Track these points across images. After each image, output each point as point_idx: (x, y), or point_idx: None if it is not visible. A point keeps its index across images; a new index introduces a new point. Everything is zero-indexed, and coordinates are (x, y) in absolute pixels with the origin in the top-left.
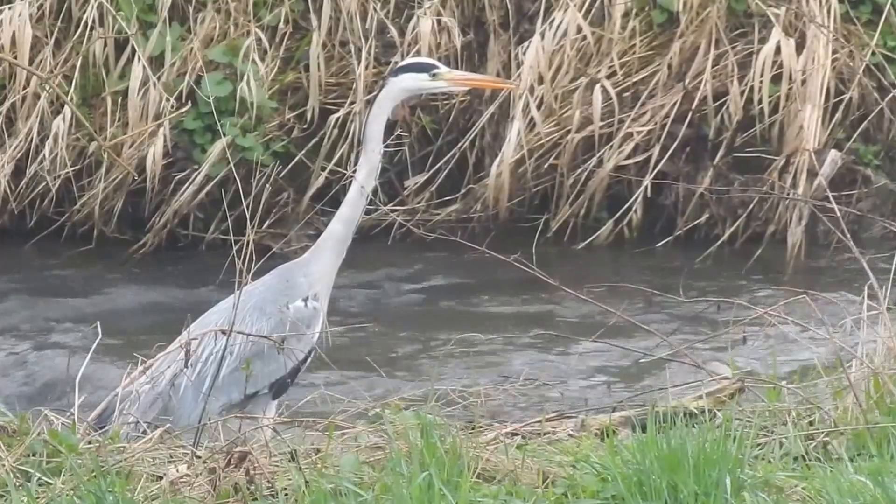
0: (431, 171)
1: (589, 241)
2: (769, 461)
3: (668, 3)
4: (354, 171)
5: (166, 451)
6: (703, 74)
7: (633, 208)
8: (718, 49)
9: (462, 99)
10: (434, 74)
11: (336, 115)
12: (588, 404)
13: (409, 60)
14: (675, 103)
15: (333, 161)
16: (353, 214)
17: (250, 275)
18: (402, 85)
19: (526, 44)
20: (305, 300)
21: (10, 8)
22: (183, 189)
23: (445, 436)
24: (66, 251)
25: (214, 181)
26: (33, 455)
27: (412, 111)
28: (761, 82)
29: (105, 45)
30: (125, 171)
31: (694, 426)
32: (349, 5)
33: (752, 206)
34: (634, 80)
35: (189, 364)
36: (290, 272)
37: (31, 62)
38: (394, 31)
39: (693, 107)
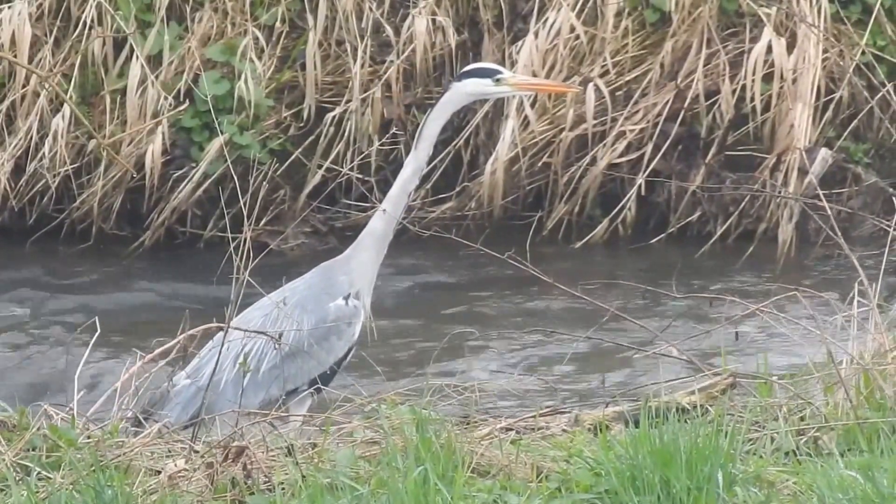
0: (427, 169)
1: (585, 240)
2: (760, 456)
3: (661, 3)
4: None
5: (164, 446)
6: (695, 73)
7: (627, 206)
8: (710, 48)
9: None
10: (498, 80)
11: (332, 114)
12: (581, 399)
13: (473, 66)
14: (667, 102)
15: (330, 159)
16: (393, 212)
17: (247, 271)
18: (466, 90)
19: (520, 43)
20: (346, 298)
21: (9, 7)
22: (181, 186)
23: (440, 431)
24: (65, 248)
25: (212, 179)
26: (33, 449)
27: (407, 109)
28: (753, 81)
29: (104, 43)
30: (124, 169)
31: (686, 421)
32: (345, 5)
33: (743, 203)
34: (627, 78)
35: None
36: (331, 270)
37: (30, 61)
38: (389, 31)
39: (685, 105)
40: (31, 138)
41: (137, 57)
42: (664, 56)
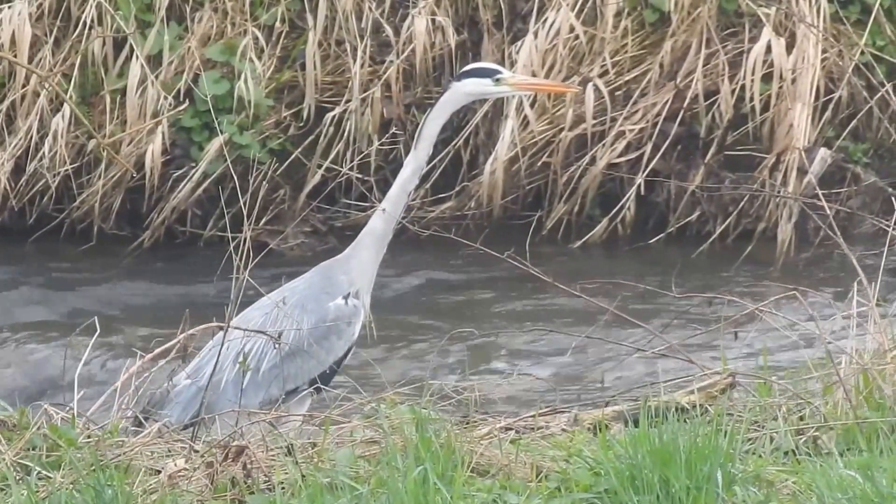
0: (426, 169)
1: (584, 240)
2: (760, 455)
3: (660, 3)
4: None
5: (164, 446)
6: (695, 73)
7: (626, 205)
8: (709, 48)
9: None
10: (497, 79)
11: (332, 113)
12: (581, 399)
13: (472, 65)
14: (666, 102)
15: (329, 158)
16: (393, 211)
17: (247, 271)
18: (466, 90)
19: (519, 43)
20: (346, 298)
21: (9, 7)
22: (181, 186)
23: (440, 430)
24: (65, 248)
25: (212, 178)
26: (33, 449)
27: (406, 109)
28: (752, 81)
29: (104, 43)
30: (124, 169)
31: (686, 421)
32: (345, 5)
33: (742, 203)
34: (626, 78)
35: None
36: (331, 270)
37: (30, 60)
38: (389, 31)
39: (684, 105)
40: (31, 138)
41: (137, 57)
42: (663, 56)
